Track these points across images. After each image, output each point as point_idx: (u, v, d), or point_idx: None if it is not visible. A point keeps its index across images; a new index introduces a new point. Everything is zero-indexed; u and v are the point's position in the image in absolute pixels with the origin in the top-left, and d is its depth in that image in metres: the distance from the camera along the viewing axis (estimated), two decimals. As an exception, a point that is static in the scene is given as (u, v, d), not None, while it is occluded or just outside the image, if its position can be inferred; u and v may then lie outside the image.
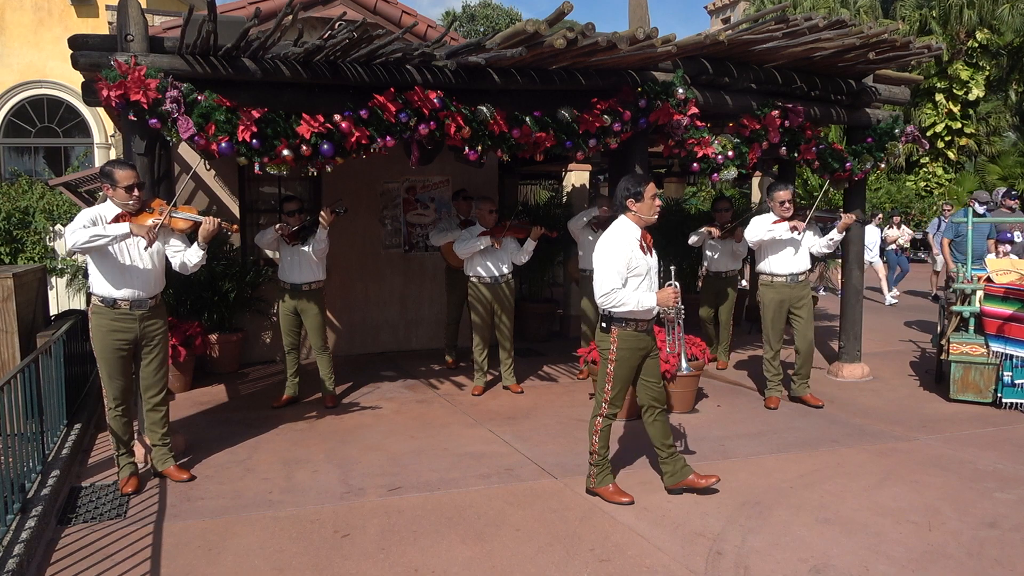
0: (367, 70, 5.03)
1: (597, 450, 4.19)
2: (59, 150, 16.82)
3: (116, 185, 4.24)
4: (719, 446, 5.09)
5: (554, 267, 9.25)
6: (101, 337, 4.28)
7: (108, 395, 4.34)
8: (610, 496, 4.15)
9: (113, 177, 4.24)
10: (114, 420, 4.35)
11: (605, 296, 3.97)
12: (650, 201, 4.08)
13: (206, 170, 7.26)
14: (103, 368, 4.31)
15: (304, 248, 5.88)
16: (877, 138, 6.75)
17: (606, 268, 3.98)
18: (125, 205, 4.26)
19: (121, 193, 4.24)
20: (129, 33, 4.58)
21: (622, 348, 4.07)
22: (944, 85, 22.04)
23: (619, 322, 4.05)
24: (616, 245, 4.01)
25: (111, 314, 4.27)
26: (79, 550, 3.61)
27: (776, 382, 6.09)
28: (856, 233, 7.09)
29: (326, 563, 3.51)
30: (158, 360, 4.49)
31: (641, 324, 4.08)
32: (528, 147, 5.44)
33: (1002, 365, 5.92)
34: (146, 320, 4.37)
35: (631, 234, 4.06)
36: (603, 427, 4.18)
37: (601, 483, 4.20)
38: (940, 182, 22.54)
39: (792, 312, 5.98)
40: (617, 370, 4.11)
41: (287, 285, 5.98)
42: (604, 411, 4.17)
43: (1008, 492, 4.30)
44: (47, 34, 15.64)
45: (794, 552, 3.58)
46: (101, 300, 4.27)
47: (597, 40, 4.64)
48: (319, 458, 4.89)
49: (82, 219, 4.15)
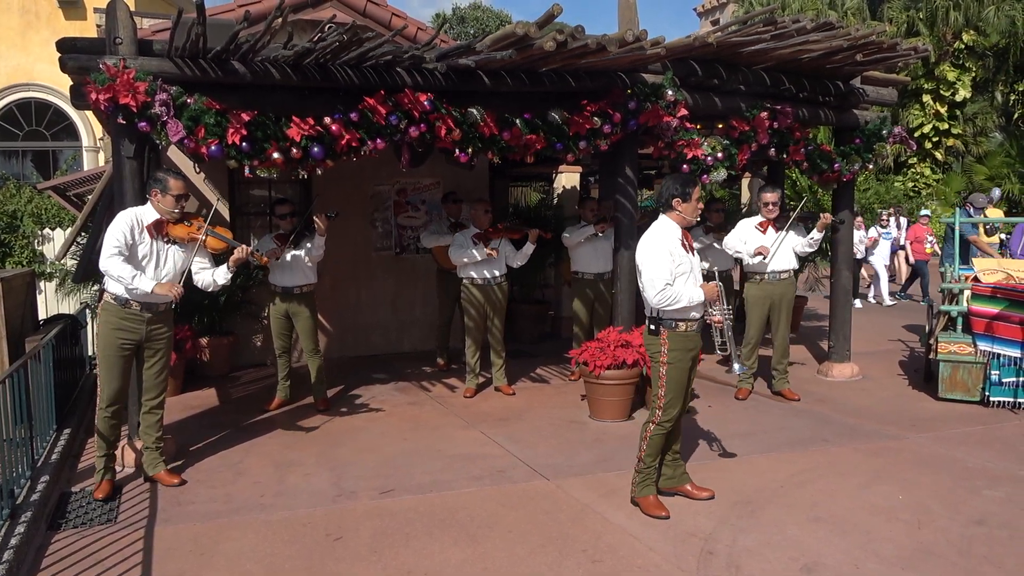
0: (357, 73, 5.02)
1: (644, 458, 4.03)
2: (47, 153, 16.74)
3: (167, 192, 4.37)
4: (710, 446, 5.11)
5: (546, 269, 9.25)
6: (107, 334, 4.30)
7: (102, 395, 4.32)
8: (649, 508, 4.01)
9: (166, 184, 4.37)
10: (103, 422, 4.33)
11: (660, 294, 3.85)
12: (695, 203, 4.04)
13: (195, 173, 7.23)
14: (103, 366, 4.32)
15: (296, 252, 5.87)
16: (865, 139, 6.80)
17: (656, 267, 3.89)
18: (169, 213, 4.39)
19: (170, 201, 4.38)
20: (117, 36, 4.56)
21: (674, 349, 3.96)
22: (931, 86, 22.19)
23: (668, 323, 3.95)
24: (662, 244, 3.93)
25: (121, 312, 4.30)
26: (69, 555, 3.59)
27: (749, 375, 6.35)
28: (845, 234, 7.14)
29: (319, 566, 3.50)
30: (161, 363, 4.52)
31: (691, 324, 3.99)
32: (518, 149, 5.44)
33: (989, 364, 5.97)
34: (153, 324, 4.40)
35: (674, 233, 3.99)
36: (654, 435, 4.01)
37: (642, 492, 4.05)
38: (928, 183, 22.69)
39: (773, 308, 6.25)
40: (670, 373, 3.96)
41: (278, 288, 5.96)
42: (658, 418, 4.00)
43: (997, 490, 4.33)
44: (35, 37, 15.57)
45: (785, 551, 3.60)
46: (114, 298, 4.31)
47: (587, 42, 4.65)
48: (311, 461, 4.88)
49: (120, 229, 4.21)
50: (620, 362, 5.59)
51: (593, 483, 4.46)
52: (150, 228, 4.35)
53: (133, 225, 4.29)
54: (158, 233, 4.38)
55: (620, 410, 5.68)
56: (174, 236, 4.43)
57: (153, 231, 4.36)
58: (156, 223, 4.37)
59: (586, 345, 5.89)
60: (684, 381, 4.03)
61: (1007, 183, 20.50)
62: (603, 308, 6.72)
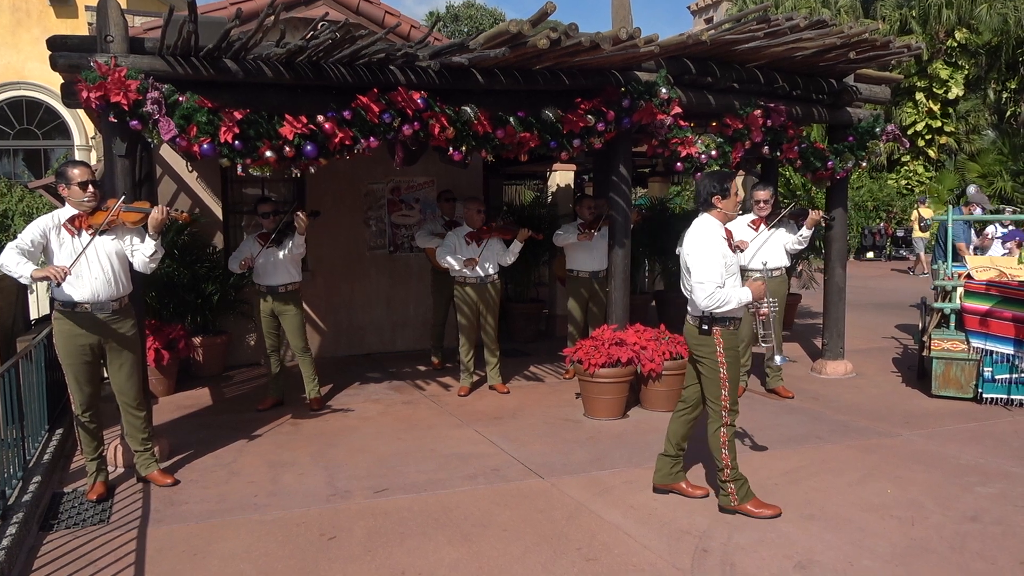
0: (350, 71, 5.01)
1: (729, 464, 3.95)
2: (39, 152, 16.64)
3: (70, 183, 4.18)
4: (705, 444, 5.10)
5: (540, 267, 9.26)
6: (64, 343, 4.18)
7: (75, 401, 4.26)
8: (758, 511, 3.92)
9: (67, 175, 4.20)
10: (82, 427, 4.29)
11: (710, 297, 3.81)
12: (734, 197, 3.98)
13: (188, 172, 7.21)
14: (69, 374, 4.22)
15: (279, 251, 5.86)
16: (858, 137, 6.82)
17: (706, 270, 3.83)
18: (80, 204, 4.19)
19: (76, 191, 4.18)
20: (109, 34, 4.53)
21: (728, 348, 3.93)
22: (924, 84, 22.26)
23: (721, 322, 3.92)
24: (710, 245, 3.88)
25: (73, 317, 4.17)
26: (61, 556, 3.57)
27: (743, 372, 6.33)
28: (838, 231, 7.16)
29: (312, 566, 3.49)
30: (129, 364, 4.38)
31: (737, 322, 3.99)
32: (512, 147, 5.44)
33: (982, 361, 5.99)
34: (110, 323, 4.26)
35: (718, 232, 3.94)
36: (729, 437, 3.96)
37: (745, 498, 3.95)
38: (921, 180, 22.78)
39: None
40: (729, 372, 3.93)
41: (263, 288, 5.96)
42: (727, 420, 3.96)
43: (989, 486, 4.35)
44: (25, 35, 15.47)
45: (779, 549, 3.61)
46: (61, 304, 4.17)
47: (580, 40, 4.64)
48: (305, 460, 4.87)
49: (32, 229, 4.05)
50: (614, 360, 5.59)
51: (588, 482, 4.46)
52: (66, 225, 4.16)
53: (48, 227, 4.10)
54: (78, 228, 4.17)
55: (615, 408, 5.68)
56: (93, 224, 4.16)
57: (71, 228, 4.16)
58: (72, 218, 4.17)
59: (580, 343, 5.89)
60: (739, 377, 4.01)
61: (999, 180, 20.60)
62: (597, 306, 6.72)
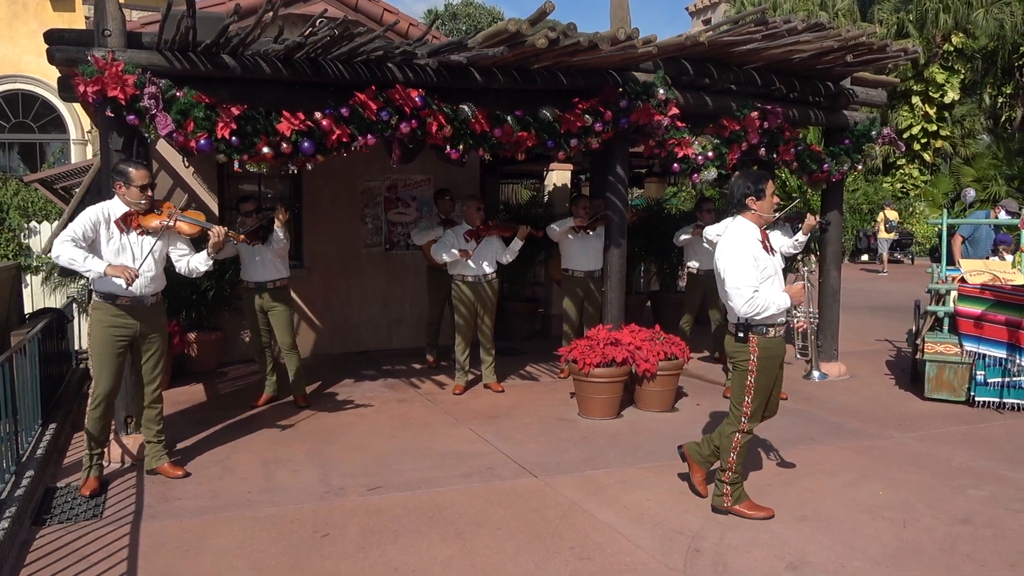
0: (348, 68, 5.00)
1: (733, 467, 3.95)
2: (34, 146, 16.59)
3: (130, 184, 4.24)
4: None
5: (536, 266, 9.26)
6: (100, 332, 4.25)
7: (94, 392, 4.29)
8: (751, 512, 3.95)
9: (127, 175, 4.25)
10: (93, 420, 4.30)
11: (748, 303, 3.72)
12: (770, 198, 3.90)
13: (184, 167, 7.19)
14: (96, 364, 4.27)
15: (264, 247, 5.86)
16: (854, 140, 6.84)
17: (741, 274, 3.74)
18: (136, 204, 4.27)
19: (134, 192, 4.25)
20: (106, 28, 4.52)
21: (763, 357, 3.84)
22: (920, 88, 22.35)
23: (758, 328, 3.82)
24: (745, 248, 3.79)
25: (111, 310, 4.25)
26: (54, 551, 3.56)
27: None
28: (834, 234, 7.17)
29: (305, 563, 3.49)
30: (158, 355, 4.49)
31: (779, 329, 3.89)
32: (510, 146, 5.44)
33: (975, 364, 6.02)
34: (146, 317, 4.37)
35: (753, 235, 3.86)
36: (742, 443, 3.94)
37: (739, 500, 3.98)
38: (916, 184, 22.86)
39: None
40: (758, 381, 3.86)
41: (251, 284, 5.94)
42: (744, 426, 3.92)
43: (981, 489, 4.37)
44: (22, 28, 15.42)
45: (772, 549, 3.62)
46: (102, 296, 4.25)
47: (579, 40, 4.65)
48: (299, 457, 4.87)
49: (82, 222, 4.11)
50: (609, 360, 5.60)
51: (582, 481, 4.47)
52: (118, 222, 4.23)
53: (99, 220, 4.18)
54: (128, 226, 4.26)
55: (609, 408, 5.69)
56: (145, 226, 4.30)
57: (122, 225, 4.24)
58: (124, 216, 4.24)
59: (576, 343, 5.90)
60: (771, 388, 3.95)
61: (994, 185, 20.70)
62: (593, 306, 6.73)
